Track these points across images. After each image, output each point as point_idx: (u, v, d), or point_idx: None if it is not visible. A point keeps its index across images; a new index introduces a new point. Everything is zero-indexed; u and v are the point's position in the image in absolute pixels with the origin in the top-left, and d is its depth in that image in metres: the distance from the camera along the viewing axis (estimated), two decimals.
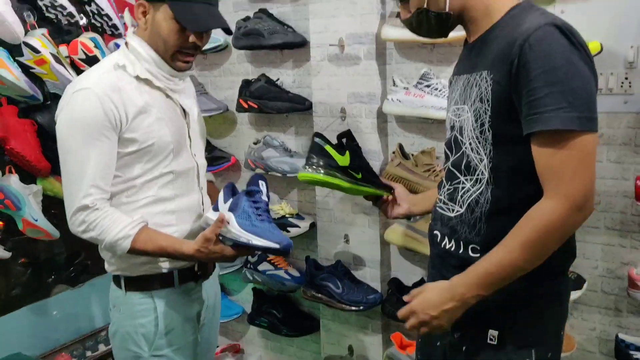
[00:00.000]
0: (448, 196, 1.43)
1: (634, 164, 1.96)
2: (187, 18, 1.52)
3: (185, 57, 1.60)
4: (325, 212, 2.62)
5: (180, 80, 1.67)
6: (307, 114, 2.62)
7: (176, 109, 1.67)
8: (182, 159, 1.66)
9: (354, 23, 2.37)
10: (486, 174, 1.31)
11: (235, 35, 2.69)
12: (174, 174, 1.64)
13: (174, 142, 1.62)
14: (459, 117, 1.36)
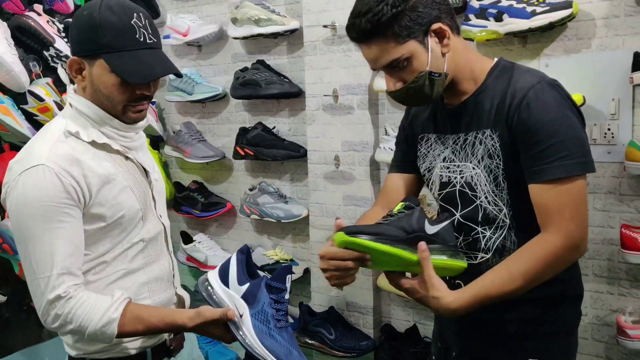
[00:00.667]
0: (467, 246, 1.43)
1: (619, 212, 2.01)
2: (127, 70, 1.31)
3: (137, 107, 1.39)
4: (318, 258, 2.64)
5: (136, 135, 1.47)
6: (302, 161, 2.68)
7: (137, 170, 1.46)
8: (150, 224, 1.47)
9: (347, 75, 2.46)
10: (507, 220, 1.36)
11: (233, 85, 2.78)
12: (144, 241, 1.45)
13: (143, 207, 1.43)
14: (460, 173, 1.41)
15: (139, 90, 1.36)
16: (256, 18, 2.63)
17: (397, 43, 1.27)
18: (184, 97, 3.00)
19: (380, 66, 1.31)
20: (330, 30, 2.47)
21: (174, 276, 1.56)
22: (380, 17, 1.24)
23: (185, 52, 3.11)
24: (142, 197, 1.44)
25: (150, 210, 1.48)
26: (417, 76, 1.29)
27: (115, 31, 1.30)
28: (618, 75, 1.94)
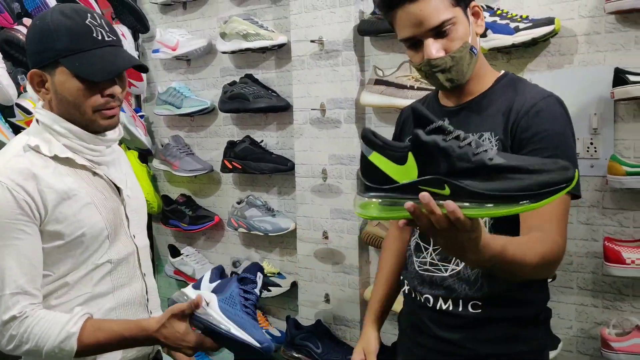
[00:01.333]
0: (438, 256, 1.40)
1: (602, 225, 2.03)
2: (89, 69, 1.26)
3: (107, 112, 1.32)
4: (306, 271, 2.65)
5: (107, 149, 1.39)
6: (290, 174, 2.69)
7: (107, 187, 1.39)
8: (120, 244, 1.39)
9: (335, 89, 2.48)
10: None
11: (221, 98, 2.79)
12: (112, 263, 1.36)
13: (109, 226, 1.35)
14: None
15: (107, 90, 1.30)
16: (244, 33, 2.65)
17: (450, 3, 1.25)
18: (172, 111, 3.01)
19: (427, 28, 1.25)
20: (317, 45, 2.49)
21: (149, 300, 1.48)
22: None
23: (174, 66, 3.12)
24: (110, 215, 1.36)
25: (121, 230, 1.40)
26: (463, 45, 1.27)
27: (70, 33, 1.26)
28: (600, 90, 1.97)
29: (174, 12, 3.09)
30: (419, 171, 0.93)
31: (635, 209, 1.98)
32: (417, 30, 1.27)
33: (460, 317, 1.36)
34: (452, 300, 1.37)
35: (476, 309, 1.35)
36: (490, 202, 0.91)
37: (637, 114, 1.95)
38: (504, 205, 0.90)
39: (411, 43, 1.30)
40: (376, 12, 2.33)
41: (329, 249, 2.57)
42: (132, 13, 2.98)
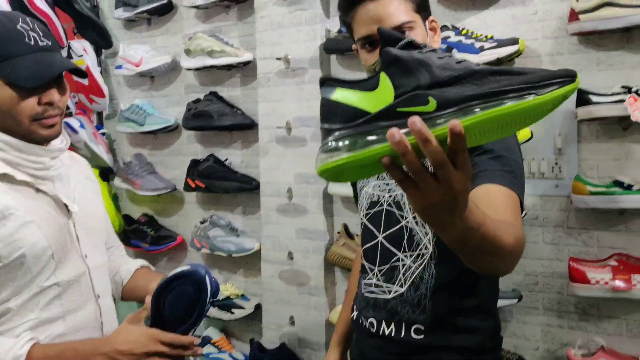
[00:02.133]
0: (383, 277, 1.35)
1: (567, 245, 2.03)
2: (23, 75, 1.18)
3: (47, 121, 1.24)
4: (270, 292, 2.59)
5: (51, 161, 1.29)
6: (255, 193, 2.64)
7: (51, 203, 1.29)
8: (69, 265, 1.30)
9: (301, 107, 2.45)
10: (430, 247, 1.28)
11: (185, 116, 2.74)
12: (60, 286, 1.27)
13: (54, 246, 1.26)
14: (389, 192, 1.36)
15: (44, 97, 1.22)
16: (209, 49, 2.61)
17: (412, 8, 1.25)
18: (135, 128, 2.94)
19: (390, 26, 1.22)
20: (283, 63, 2.47)
21: (103, 324, 1.39)
22: None
23: (137, 83, 3.06)
24: (54, 234, 1.27)
25: (70, 250, 1.31)
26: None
27: (0, 39, 1.19)
28: (563, 110, 1.98)
29: (139, 28, 3.03)
30: (396, 93, 0.74)
31: (599, 228, 1.99)
32: (375, 28, 1.23)
33: (402, 343, 1.31)
34: (394, 324, 1.32)
35: (419, 334, 1.30)
36: (489, 101, 0.71)
37: (600, 134, 1.96)
38: (505, 101, 0.70)
39: (367, 42, 1.28)
40: (342, 31, 2.32)
41: (294, 270, 2.52)
42: (94, 28, 2.91)
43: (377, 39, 1.26)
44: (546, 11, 2.01)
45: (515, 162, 1.23)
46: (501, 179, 1.17)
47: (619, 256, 1.92)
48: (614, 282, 1.86)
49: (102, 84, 2.96)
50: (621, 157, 1.94)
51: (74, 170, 1.42)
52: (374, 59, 1.28)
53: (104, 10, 3.13)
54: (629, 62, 1.91)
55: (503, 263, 1.05)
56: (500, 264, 1.05)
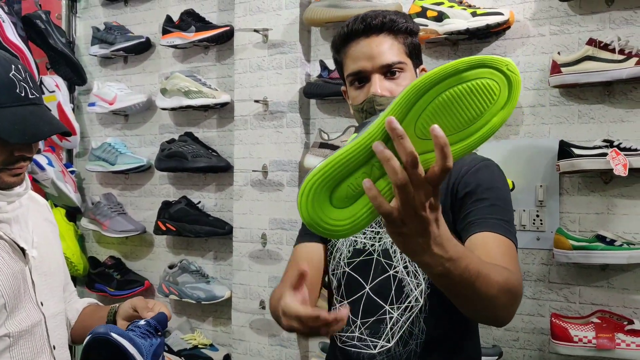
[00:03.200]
0: (368, 330, 1.28)
1: (548, 300, 1.98)
2: (8, 128, 1.14)
3: (15, 170, 1.20)
4: (241, 343, 2.47)
5: (8, 205, 1.23)
6: (227, 238, 2.55)
7: (6, 248, 1.23)
8: (22, 314, 1.22)
9: (278, 151, 2.39)
10: (421, 300, 1.24)
11: (158, 156, 2.66)
12: (11, 337, 1.18)
13: (7, 294, 1.18)
14: (378, 240, 1.29)
15: (19, 151, 1.17)
16: (186, 90, 2.56)
17: (404, 51, 1.27)
18: (105, 167, 2.85)
19: (379, 64, 1.24)
20: (261, 106, 2.42)
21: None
22: (399, 22, 1.26)
23: (110, 121, 2.98)
24: (9, 281, 1.19)
25: (24, 297, 1.23)
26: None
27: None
28: (545, 162, 1.96)
29: (114, 65, 2.97)
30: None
31: (581, 284, 1.94)
32: (367, 64, 1.25)
33: None
34: None
35: None
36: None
37: (582, 187, 1.94)
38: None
39: (357, 78, 1.28)
40: (322, 75, 2.29)
41: (266, 320, 2.41)
42: (68, 64, 2.85)
43: (366, 75, 1.26)
44: (528, 63, 2.01)
45: (509, 212, 1.21)
46: (498, 227, 1.16)
47: (602, 313, 1.88)
48: (597, 341, 1.80)
49: (74, 121, 2.88)
50: (603, 211, 1.91)
51: (32, 212, 1.34)
52: (362, 97, 1.27)
53: (80, 47, 3.07)
54: (610, 116, 1.90)
55: (496, 306, 1.00)
56: (494, 308, 1.00)
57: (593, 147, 1.84)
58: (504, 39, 2.04)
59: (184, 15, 2.62)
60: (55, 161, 2.83)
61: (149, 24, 2.86)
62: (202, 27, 2.59)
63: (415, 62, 1.29)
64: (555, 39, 1.97)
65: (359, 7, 2.17)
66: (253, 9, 2.45)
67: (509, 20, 1.97)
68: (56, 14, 2.99)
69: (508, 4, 2.04)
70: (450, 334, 1.23)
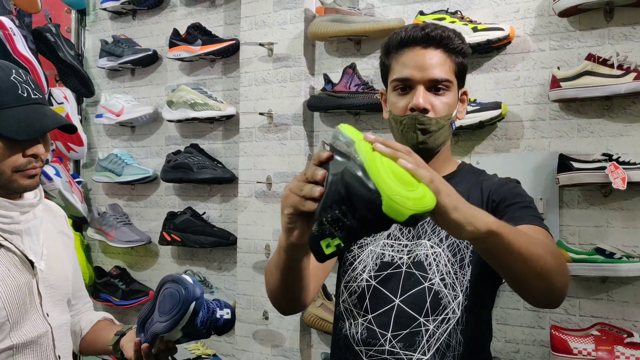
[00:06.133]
0: (401, 344, 1.24)
1: (548, 312, 1.99)
2: (14, 127, 1.17)
3: (29, 172, 1.22)
4: (244, 353, 2.49)
5: (21, 215, 1.26)
6: (231, 249, 2.58)
7: (15, 260, 1.25)
8: (27, 326, 1.24)
9: (282, 162, 2.43)
10: (458, 312, 1.23)
11: (164, 167, 2.70)
12: (15, 349, 1.21)
13: (10, 306, 1.20)
14: (407, 253, 1.27)
15: (30, 150, 1.21)
16: (192, 102, 2.60)
17: (453, 70, 1.28)
18: (112, 178, 2.89)
19: (429, 77, 1.25)
20: (266, 118, 2.46)
21: None
22: (455, 41, 1.27)
23: (117, 133, 3.02)
24: (13, 293, 1.22)
25: (30, 309, 1.25)
26: (448, 114, 1.27)
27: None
28: (545, 175, 1.98)
29: (122, 77, 3.02)
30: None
31: (581, 296, 1.95)
32: (417, 74, 1.25)
33: None
34: None
35: None
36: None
37: (581, 200, 1.96)
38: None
39: (402, 86, 1.28)
40: (326, 89, 2.33)
41: (269, 330, 2.43)
42: (77, 76, 2.89)
43: (411, 84, 1.26)
44: (528, 77, 2.04)
45: (535, 209, 1.27)
46: (535, 220, 1.21)
47: (602, 326, 1.89)
48: (597, 354, 1.81)
49: (82, 132, 2.93)
50: (603, 224, 1.93)
51: (46, 223, 1.37)
52: (402, 105, 1.27)
53: (88, 59, 3.13)
54: (609, 130, 1.92)
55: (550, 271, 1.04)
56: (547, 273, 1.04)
57: (592, 160, 1.87)
58: (504, 53, 2.07)
59: (191, 28, 2.66)
60: (63, 172, 2.87)
61: (156, 37, 2.91)
62: (209, 40, 2.64)
63: (459, 83, 1.32)
64: (555, 54, 2.00)
65: (362, 22, 2.21)
66: (258, 23, 2.50)
67: (510, 36, 2.00)
68: (66, 27, 3.05)
69: (509, 20, 2.07)
70: (484, 344, 1.25)
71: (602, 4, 1.89)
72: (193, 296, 1.26)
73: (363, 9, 2.33)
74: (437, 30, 1.26)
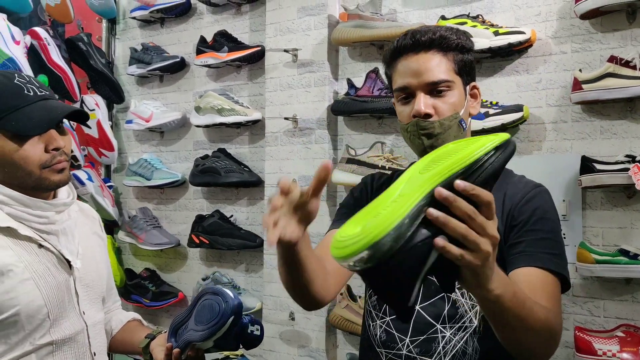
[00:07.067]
0: (418, 349, 1.26)
1: (572, 314, 2.00)
2: (28, 124, 1.21)
3: (56, 166, 1.26)
4: (271, 354, 2.54)
5: (56, 215, 1.30)
6: (258, 251, 2.63)
7: (53, 259, 1.29)
8: (65, 323, 1.29)
9: (307, 166, 2.47)
10: (475, 322, 1.24)
11: (192, 172, 2.77)
12: (55, 344, 1.26)
13: (51, 304, 1.25)
14: None
15: (50, 144, 1.25)
16: (219, 107, 2.66)
17: (452, 68, 1.25)
18: (142, 182, 2.97)
19: (425, 81, 1.23)
20: (291, 123, 2.51)
21: None
22: (450, 39, 1.25)
23: (147, 138, 3.10)
24: (53, 292, 1.26)
25: (68, 307, 1.30)
26: (454, 114, 1.24)
27: (0, 95, 1.23)
28: (568, 177, 1.99)
29: (151, 84, 3.10)
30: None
31: (605, 297, 1.96)
32: (413, 81, 1.24)
33: None
34: None
35: None
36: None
37: (604, 201, 1.96)
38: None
39: (404, 95, 1.28)
40: (350, 93, 2.37)
41: (296, 331, 2.48)
42: (107, 84, 2.99)
43: (412, 92, 1.26)
44: (550, 80, 2.05)
45: (560, 244, 1.22)
46: (547, 262, 1.17)
47: (626, 327, 1.89)
48: (621, 355, 1.81)
49: (112, 138, 3.01)
50: (626, 226, 1.93)
51: (81, 224, 1.42)
52: (406, 114, 1.27)
53: (118, 67, 3.21)
54: (632, 132, 1.93)
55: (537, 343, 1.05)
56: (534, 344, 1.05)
57: (615, 162, 1.87)
58: (526, 56, 2.09)
59: (217, 36, 2.73)
60: (94, 176, 2.96)
61: (184, 45, 2.98)
62: (235, 47, 2.70)
63: (465, 79, 1.28)
64: (576, 56, 2.01)
65: (385, 27, 2.25)
66: (283, 30, 2.55)
67: (531, 39, 2.02)
68: (97, 36, 3.14)
69: (530, 23, 2.09)
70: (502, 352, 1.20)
71: (624, 6, 1.89)
72: (232, 310, 1.29)
73: (385, 15, 2.36)
74: (428, 33, 1.25)
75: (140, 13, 3.01)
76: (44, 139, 1.25)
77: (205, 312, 1.32)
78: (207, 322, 1.30)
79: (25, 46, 2.61)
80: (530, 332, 1.01)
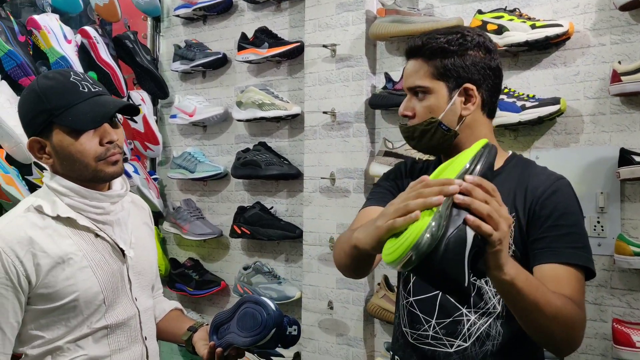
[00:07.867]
0: (443, 330, 1.32)
1: (610, 306, 2.00)
2: (84, 119, 1.29)
3: (110, 158, 1.34)
4: (310, 342, 2.61)
5: (111, 206, 1.38)
6: (298, 242, 2.70)
7: (108, 248, 1.37)
8: (119, 308, 1.37)
9: (345, 159, 2.52)
10: (499, 308, 1.28)
11: (234, 165, 2.85)
12: (109, 328, 1.35)
13: (106, 290, 1.34)
14: None
15: (104, 137, 1.32)
16: (260, 102, 2.73)
17: (430, 73, 1.31)
18: (186, 175, 3.07)
19: (407, 86, 1.35)
20: (330, 117, 2.56)
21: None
22: (434, 43, 1.30)
23: (190, 132, 3.20)
24: (108, 279, 1.35)
25: (121, 294, 1.38)
26: (429, 119, 1.31)
27: (57, 92, 1.30)
28: (606, 169, 1.99)
29: (194, 80, 3.20)
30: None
31: None
32: (405, 83, 1.38)
33: None
34: None
35: None
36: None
37: None
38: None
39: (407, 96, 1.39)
40: (387, 87, 2.40)
41: (334, 320, 2.54)
42: (153, 80, 3.09)
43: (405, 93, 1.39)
44: (588, 72, 2.05)
45: (584, 236, 1.25)
46: (573, 257, 1.21)
47: None
48: None
49: (157, 132, 3.12)
50: None
51: (133, 215, 1.49)
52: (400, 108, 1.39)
53: (162, 63, 3.32)
54: None
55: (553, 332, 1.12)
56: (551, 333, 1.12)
57: None
58: (563, 49, 2.09)
59: (258, 32, 2.80)
60: (141, 169, 3.08)
61: (226, 41, 3.06)
62: (275, 43, 2.76)
63: (450, 82, 1.30)
64: (616, 48, 2.00)
65: (422, 22, 2.27)
66: (322, 26, 2.60)
67: (569, 32, 2.02)
68: (142, 34, 3.25)
69: (568, 15, 2.08)
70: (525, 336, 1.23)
71: None
72: (275, 322, 1.34)
73: (422, 9, 2.39)
74: (417, 41, 1.33)
75: (184, 11, 3.10)
76: (99, 133, 1.32)
77: (247, 320, 1.37)
78: (250, 329, 1.36)
79: (76, 45, 2.73)
80: (545, 316, 1.09)
